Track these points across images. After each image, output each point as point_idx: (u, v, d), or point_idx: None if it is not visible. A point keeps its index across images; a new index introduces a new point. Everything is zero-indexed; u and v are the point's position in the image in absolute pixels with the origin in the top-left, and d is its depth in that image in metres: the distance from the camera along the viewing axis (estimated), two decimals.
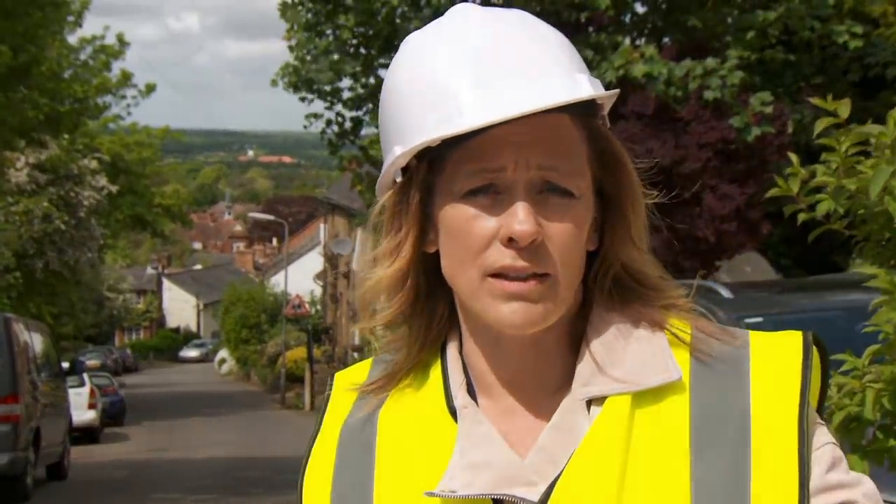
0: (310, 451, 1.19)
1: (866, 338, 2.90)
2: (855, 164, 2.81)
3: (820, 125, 2.89)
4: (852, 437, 2.69)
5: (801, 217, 3.01)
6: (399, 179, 1.10)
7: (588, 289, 1.13)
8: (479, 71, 1.04)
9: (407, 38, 1.13)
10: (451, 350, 1.15)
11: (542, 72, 1.05)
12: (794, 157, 3.04)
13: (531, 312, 1.05)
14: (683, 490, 1.03)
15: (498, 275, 1.05)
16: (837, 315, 5.24)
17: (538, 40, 1.08)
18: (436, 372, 1.15)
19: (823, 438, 1.08)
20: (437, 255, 1.12)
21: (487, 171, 1.05)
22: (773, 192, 3.05)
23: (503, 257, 1.05)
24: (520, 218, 1.03)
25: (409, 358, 1.16)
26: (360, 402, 1.18)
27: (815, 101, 2.91)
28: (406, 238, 1.11)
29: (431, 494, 1.06)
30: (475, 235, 1.06)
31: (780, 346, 1.09)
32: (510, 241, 1.04)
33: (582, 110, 1.08)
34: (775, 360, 1.08)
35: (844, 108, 2.85)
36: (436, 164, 1.08)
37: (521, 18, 1.10)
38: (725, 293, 5.70)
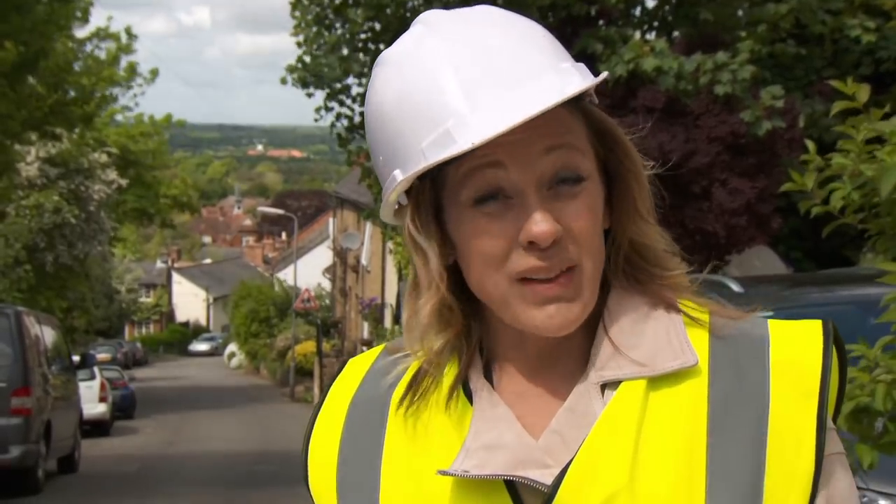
0: (313, 422, 1.18)
1: (878, 332, 2.89)
2: (871, 153, 2.78)
3: (837, 107, 2.86)
4: (862, 428, 2.68)
5: (816, 211, 2.97)
6: (404, 203, 1.09)
7: (603, 271, 1.12)
8: (466, 83, 1.03)
9: (381, 56, 1.10)
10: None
11: (530, 72, 1.03)
12: (810, 145, 3.01)
13: (568, 314, 1.05)
14: (698, 476, 1.02)
15: (527, 279, 1.04)
16: (848, 309, 5.22)
17: (517, 37, 1.06)
18: (453, 353, 1.14)
19: (834, 446, 1.07)
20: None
21: (483, 164, 1.04)
22: (786, 186, 3.02)
23: (528, 261, 1.04)
24: (536, 220, 1.03)
25: (461, 363, 1.12)
26: (372, 380, 1.17)
27: (836, 83, 2.87)
28: (436, 267, 1.08)
29: (444, 473, 1.06)
30: (494, 245, 1.05)
31: (800, 333, 1.08)
32: (531, 245, 1.03)
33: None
34: (795, 347, 1.07)
35: (864, 92, 2.81)
36: (437, 179, 1.08)
37: (491, 16, 1.08)
38: (735, 287, 5.67)
